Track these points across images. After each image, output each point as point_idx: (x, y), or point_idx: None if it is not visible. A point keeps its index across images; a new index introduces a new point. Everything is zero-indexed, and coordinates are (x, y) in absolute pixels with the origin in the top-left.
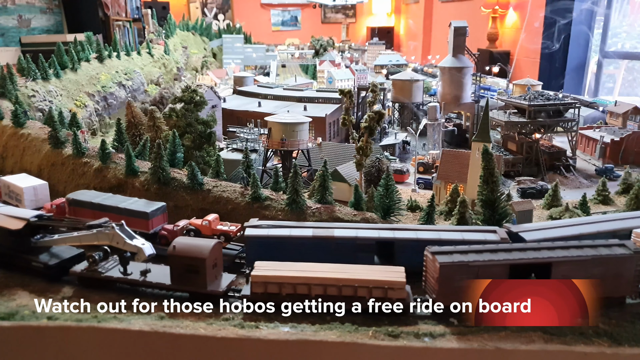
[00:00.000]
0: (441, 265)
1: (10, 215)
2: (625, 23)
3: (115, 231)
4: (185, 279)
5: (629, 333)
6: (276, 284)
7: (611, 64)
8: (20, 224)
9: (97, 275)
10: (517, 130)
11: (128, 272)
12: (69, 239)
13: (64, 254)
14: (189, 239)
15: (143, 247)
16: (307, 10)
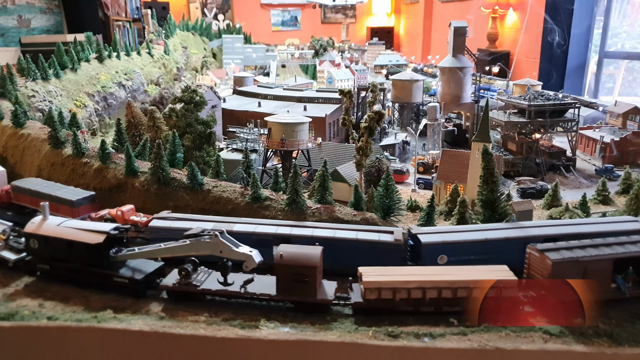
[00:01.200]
0: (554, 262)
1: (84, 229)
2: (625, 23)
3: (220, 239)
4: (292, 289)
5: (629, 333)
6: (390, 289)
7: (611, 64)
8: (99, 238)
9: (192, 289)
10: (517, 130)
11: (229, 283)
12: (158, 251)
13: (145, 268)
14: (293, 247)
15: (252, 254)
16: (307, 11)
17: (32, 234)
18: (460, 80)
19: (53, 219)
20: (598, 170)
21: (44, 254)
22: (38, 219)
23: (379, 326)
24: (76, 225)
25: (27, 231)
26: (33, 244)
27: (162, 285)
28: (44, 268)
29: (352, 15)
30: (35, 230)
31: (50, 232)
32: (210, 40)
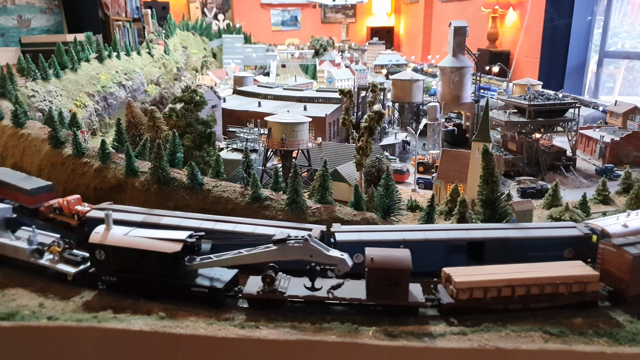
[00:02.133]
0: (634, 257)
1: (156, 237)
2: (625, 23)
3: (311, 244)
4: (384, 292)
5: (629, 333)
6: (481, 289)
7: (611, 64)
8: (176, 246)
9: (279, 296)
10: (517, 130)
11: (317, 288)
12: (239, 258)
13: (221, 276)
14: (382, 250)
15: (344, 258)
16: (307, 10)
17: (99, 244)
18: (460, 80)
19: (118, 228)
20: (598, 170)
21: (111, 265)
22: (101, 228)
23: (379, 326)
24: (145, 234)
25: (92, 242)
26: (99, 255)
27: (245, 293)
28: (109, 280)
29: (352, 15)
30: (102, 240)
31: (120, 242)
32: (210, 40)
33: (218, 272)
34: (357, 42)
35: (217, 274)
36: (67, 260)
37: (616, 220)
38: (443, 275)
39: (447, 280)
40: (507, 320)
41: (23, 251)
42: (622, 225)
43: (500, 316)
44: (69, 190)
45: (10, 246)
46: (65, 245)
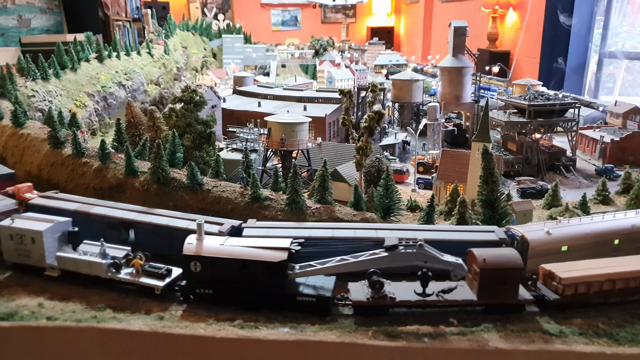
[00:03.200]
0: None
1: (257, 246)
2: (625, 23)
3: (426, 249)
4: (494, 292)
5: (629, 333)
6: (585, 284)
7: (611, 64)
8: (282, 255)
9: (390, 302)
10: (517, 130)
11: (428, 293)
12: (346, 265)
13: (324, 283)
14: (489, 250)
15: (461, 262)
16: (307, 10)
17: (195, 255)
18: (461, 80)
19: (212, 238)
20: (598, 170)
21: (208, 277)
22: (193, 238)
23: (379, 326)
24: (243, 242)
25: (187, 253)
26: (194, 267)
27: (355, 300)
28: (204, 293)
29: (352, 15)
30: (198, 251)
31: (219, 253)
32: (210, 40)
33: (318, 280)
34: (357, 42)
35: (317, 282)
36: (149, 274)
37: (542, 226)
38: (541, 272)
39: (549, 277)
40: (507, 320)
41: (100, 266)
42: (545, 233)
43: (500, 316)
44: (68, 190)
45: (82, 261)
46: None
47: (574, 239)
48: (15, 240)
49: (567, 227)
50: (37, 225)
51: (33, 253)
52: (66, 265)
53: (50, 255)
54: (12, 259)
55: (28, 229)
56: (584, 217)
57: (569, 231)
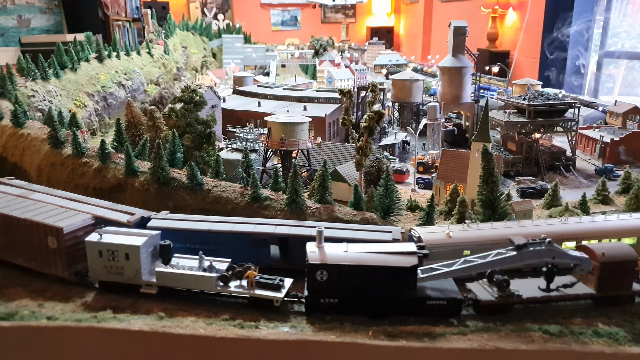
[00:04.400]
0: None
1: (382, 252)
2: (625, 23)
3: (554, 246)
4: (612, 284)
5: (629, 333)
6: None
7: (611, 64)
8: (412, 260)
9: (516, 300)
10: (517, 130)
11: (552, 289)
12: (476, 266)
13: (448, 286)
14: (604, 244)
15: (587, 257)
16: (307, 10)
17: (321, 264)
18: (461, 80)
19: (333, 246)
20: (598, 170)
21: (334, 286)
22: (313, 246)
23: (379, 326)
24: (366, 249)
25: (313, 262)
26: (320, 277)
27: (484, 300)
28: (329, 302)
29: (352, 15)
30: (324, 259)
31: (346, 260)
32: (210, 40)
33: (435, 284)
34: (357, 42)
35: (435, 285)
36: (263, 285)
37: (445, 229)
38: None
39: None
40: (507, 320)
41: (208, 280)
42: (445, 235)
43: (500, 316)
44: (68, 190)
45: (187, 276)
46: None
47: (476, 243)
48: (106, 257)
49: (471, 232)
50: (131, 239)
51: (126, 270)
52: (166, 281)
53: (146, 271)
54: (100, 277)
55: (122, 244)
56: (496, 223)
57: (471, 235)
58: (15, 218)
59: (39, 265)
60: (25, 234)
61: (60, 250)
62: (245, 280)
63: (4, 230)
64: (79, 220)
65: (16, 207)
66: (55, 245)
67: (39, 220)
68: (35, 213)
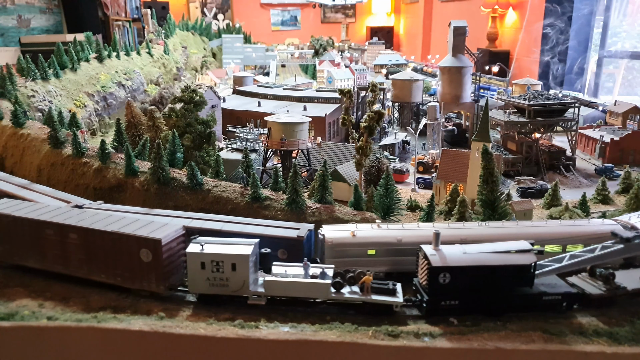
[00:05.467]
0: None
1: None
2: (625, 23)
3: None
4: None
5: (629, 333)
6: None
7: (611, 64)
8: (531, 258)
9: (624, 292)
10: (517, 130)
11: None
12: (587, 260)
13: (555, 281)
14: None
15: None
16: (306, 10)
17: (445, 267)
18: (461, 79)
19: (451, 247)
20: (598, 169)
21: (456, 287)
22: (431, 249)
23: (379, 326)
24: (481, 249)
25: (436, 265)
26: (443, 279)
27: (594, 294)
28: (450, 305)
29: (351, 15)
30: (446, 262)
31: (468, 262)
32: (210, 40)
33: (547, 279)
34: (357, 42)
35: (548, 280)
36: (378, 290)
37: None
38: None
39: None
40: (507, 320)
41: (323, 287)
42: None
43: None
44: (68, 190)
45: (299, 285)
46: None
47: (380, 243)
48: (209, 269)
49: (377, 232)
50: (237, 249)
51: (232, 281)
52: (276, 290)
53: (252, 282)
54: (201, 290)
55: (229, 254)
56: (408, 224)
57: (376, 235)
58: (99, 231)
59: (127, 281)
60: (112, 248)
61: (156, 264)
62: (357, 286)
63: (83, 245)
64: (172, 231)
65: (98, 220)
66: (150, 259)
67: (130, 232)
68: (120, 225)
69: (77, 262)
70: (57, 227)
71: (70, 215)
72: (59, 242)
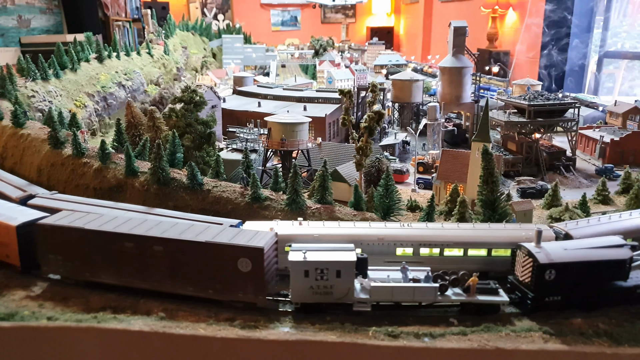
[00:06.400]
0: None
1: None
2: (625, 23)
3: None
4: None
5: (629, 333)
6: None
7: (611, 64)
8: (628, 252)
9: None
10: (517, 130)
11: None
12: None
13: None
14: None
15: None
16: (306, 10)
17: (551, 263)
18: (461, 80)
19: (554, 244)
20: (598, 170)
21: (560, 283)
22: (533, 246)
23: (379, 326)
24: (579, 245)
25: (543, 262)
26: (549, 276)
27: None
28: (553, 300)
29: (351, 15)
30: (552, 259)
31: (572, 258)
32: (210, 40)
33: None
34: (357, 42)
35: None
36: (482, 290)
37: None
38: None
39: None
40: (507, 320)
41: (430, 291)
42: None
43: (500, 316)
44: (68, 190)
45: (405, 289)
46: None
47: (298, 240)
48: (313, 277)
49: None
50: (340, 255)
51: (336, 288)
52: (382, 295)
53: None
54: (304, 299)
55: (334, 261)
56: (329, 222)
57: (295, 232)
58: (189, 242)
59: (221, 293)
60: (203, 259)
61: (257, 273)
62: (459, 287)
63: (168, 257)
64: (270, 238)
65: (184, 230)
66: (249, 268)
67: (228, 241)
68: (211, 235)
69: (160, 276)
70: (139, 240)
71: (149, 226)
72: (139, 255)
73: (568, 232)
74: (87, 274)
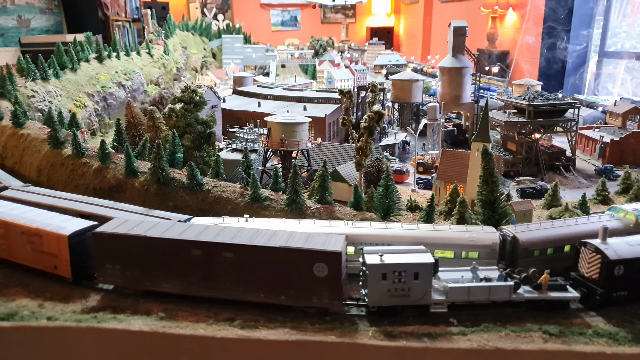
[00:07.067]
0: None
1: None
2: (625, 23)
3: None
4: None
5: (629, 333)
6: None
7: (611, 64)
8: None
9: None
10: (517, 130)
11: None
12: None
13: None
14: None
15: None
16: (306, 10)
17: (621, 259)
18: (461, 80)
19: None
20: (598, 170)
21: (628, 279)
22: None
23: (379, 326)
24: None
25: (613, 258)
26: (618, 271)
27: None
28: (620, 295)
29: (351, 15)
30: (621, 255)
31: (638, 254)
32: (210, 40)
33: None
34: (357, 42)
35: None
36: (551, 287)
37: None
38: None
39: None
40: (507, 320)
41: (504, 290)
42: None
43: (500, 316)
44: (68, 190)
45: (480, 289)
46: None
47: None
48: (390, 279)
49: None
50: (417, 257)
51: (414, 290)
52: (458, 296)
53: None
54: (381, 302)
55: (412, 263)
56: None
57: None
58: (263, 248)
59: (294, 299)
60: (276, 265)
61: (333, 278)
62: (528, 285)
63: (239, 264)
64: (342, 242)
65: (254, 236)
66: (325, 273)
67: (303, 246)
68: (283, 239)
69: (229, 283)
70: (208, 246)
71: (216, 232)
72: (206, 262)
73: (515, 235)
74: (147, 284)
